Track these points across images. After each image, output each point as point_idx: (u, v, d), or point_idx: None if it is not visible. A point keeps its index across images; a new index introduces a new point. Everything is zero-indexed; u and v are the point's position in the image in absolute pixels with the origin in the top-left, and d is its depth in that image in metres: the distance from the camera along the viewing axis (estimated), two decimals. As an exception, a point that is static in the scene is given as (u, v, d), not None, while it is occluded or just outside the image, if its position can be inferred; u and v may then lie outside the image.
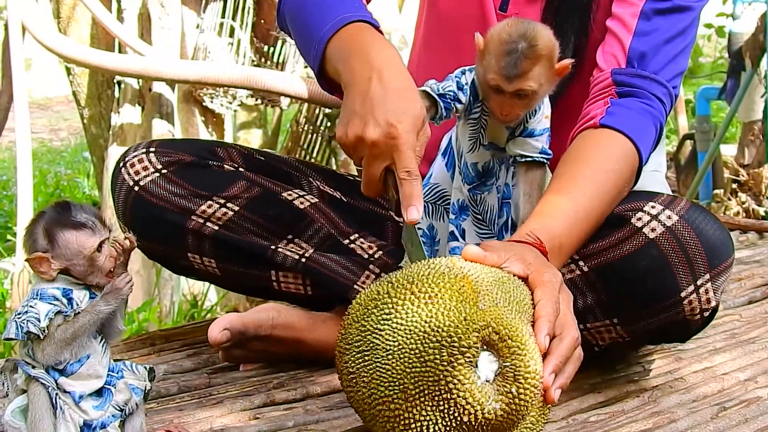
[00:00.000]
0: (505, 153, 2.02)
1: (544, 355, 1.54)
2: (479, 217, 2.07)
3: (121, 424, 1.56)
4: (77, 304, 1.53)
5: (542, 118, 1.98)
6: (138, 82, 5.16)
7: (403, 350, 1.48)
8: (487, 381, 1.49)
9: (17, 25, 4.85)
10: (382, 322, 1.51)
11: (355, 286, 2.11)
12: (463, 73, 1.99)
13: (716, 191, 5.75)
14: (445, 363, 1.47)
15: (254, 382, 2.06)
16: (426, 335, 1.48)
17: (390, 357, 1.49)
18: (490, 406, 1.47)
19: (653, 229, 1.91)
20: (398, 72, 1.79)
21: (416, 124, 1.72)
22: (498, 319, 1.50)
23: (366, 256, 2.16)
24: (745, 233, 3.66)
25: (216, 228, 2.14)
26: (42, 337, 1.50)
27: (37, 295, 1.53)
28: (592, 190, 1.89)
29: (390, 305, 1.52)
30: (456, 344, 1.47)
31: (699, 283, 1.90)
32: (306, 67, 5.10)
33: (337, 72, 1.87)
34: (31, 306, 1.51)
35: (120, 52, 5.15)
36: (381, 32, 1.91)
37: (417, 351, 1.48)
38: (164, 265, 2.36)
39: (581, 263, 1.95)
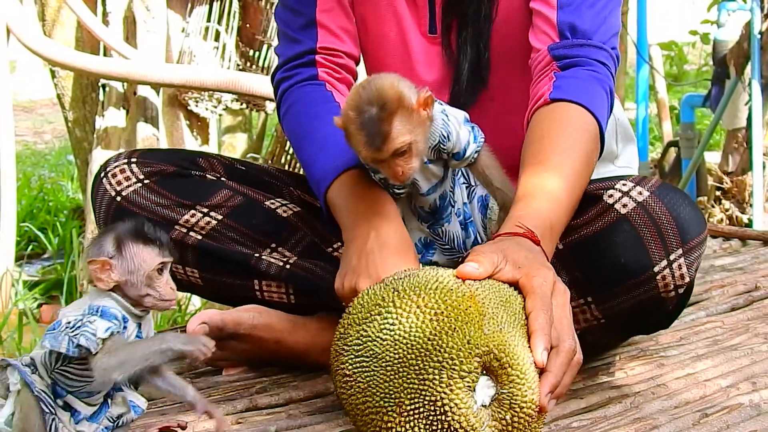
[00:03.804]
0: (446, 182, 2.00)
1: (542, 371, 1.54)
2: (446, 247, 2.06)
3: None
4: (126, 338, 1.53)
5: (457, 139, 1.91)
6: (123, 86, 5.14)
7: (403, 364, 1.48)
8: (483, 406, 1.49)
9: (1, 27, 4.84)
10: (384, 331, 1.51)
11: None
12: None
13: (700, 198, 5.78)
14: (444, 385, 1.47)
15: (237, 387, 2.06)
16: (428, 353, 1.47)
17: (389, 369, 1.49)
18: (483, 431, 1.48)
19: (624, 205, 1.92)
20: (395, 230, 1.90)
21: None
22: (501, 345, 1.49)
23: (348, 263, 2.16)
24: (729, 240, 3.67)
25: (199, 237, 2.14)
26: (93, 352, 1.48)
27: (97, 311, 1.51)
28: (566, 166, 1.89)
29: (394, 315, 1.51)
30: (457, 367, 1.47)
31: (672, 258, 1.91)
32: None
33: (338, 220, 1.99)
34: (89, 321, 1.49)
35: (105, 55, 5.13)
36: None
37: (417, 368, 1.47)
38: None
39: None
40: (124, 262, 1.53)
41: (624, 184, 1.95)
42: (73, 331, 1.48)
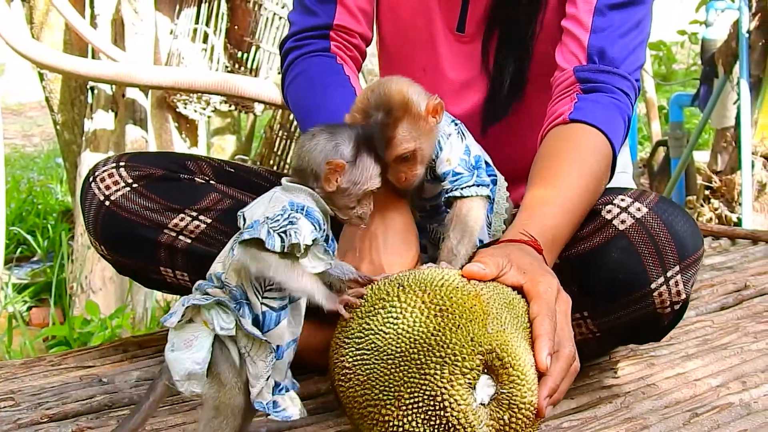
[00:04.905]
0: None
1: (541, 375, 1.54)
2: (433, 241, 2.05)
3: None
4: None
5: (444, 162, 1.89)
6: (111, 88, 5.13)
7: (405, 358, 1.48)
8: (481, 404, 1.49)
9: (-11, 30, 4.82)
10: (387, 324, 1.51)
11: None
12: None
13: (689, 198, 5.78)
14: (445, 380, 1.47)
15: (227, 389, 2.05)
16: (431, 348, 1.48)
17: (390, 362, 1.49)
18: (480, 429, 1.48)
19: (623, 221, 1.92)
20: (400, 213, 1.89)
21: (408, 267, 1.81)
22: (503, 345, 1.50)
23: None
24: (718, 239, 3.67)
25: (189, 241, 2.14)
26: (298, 255, 1.44)
27: (302, 209, 1.46)
28: (573, 183, 1.89)
29: (398, 309, 1.51)
30: (459, 364, 1.47)
31: (669, 274, 1.91)
32: (280, 72, 5.10)
33: None
34: (295, 217, 1.45)
35: (93, 57, 5.12)
36: None
37: (419, 362, 1.48)
38: (135, 279, 2.34)
39: None
40: (355, 172, 1.51)
41: (622, 200, 1.94)
42: (272, 224, 1.44)
